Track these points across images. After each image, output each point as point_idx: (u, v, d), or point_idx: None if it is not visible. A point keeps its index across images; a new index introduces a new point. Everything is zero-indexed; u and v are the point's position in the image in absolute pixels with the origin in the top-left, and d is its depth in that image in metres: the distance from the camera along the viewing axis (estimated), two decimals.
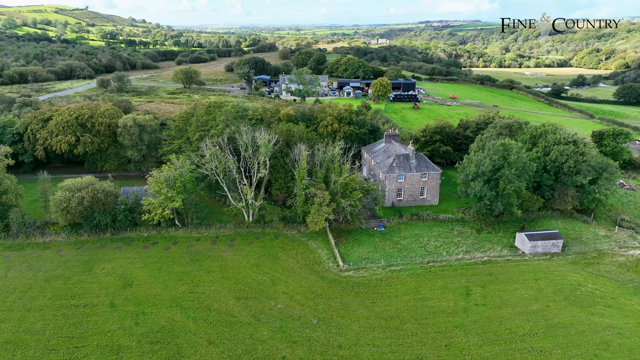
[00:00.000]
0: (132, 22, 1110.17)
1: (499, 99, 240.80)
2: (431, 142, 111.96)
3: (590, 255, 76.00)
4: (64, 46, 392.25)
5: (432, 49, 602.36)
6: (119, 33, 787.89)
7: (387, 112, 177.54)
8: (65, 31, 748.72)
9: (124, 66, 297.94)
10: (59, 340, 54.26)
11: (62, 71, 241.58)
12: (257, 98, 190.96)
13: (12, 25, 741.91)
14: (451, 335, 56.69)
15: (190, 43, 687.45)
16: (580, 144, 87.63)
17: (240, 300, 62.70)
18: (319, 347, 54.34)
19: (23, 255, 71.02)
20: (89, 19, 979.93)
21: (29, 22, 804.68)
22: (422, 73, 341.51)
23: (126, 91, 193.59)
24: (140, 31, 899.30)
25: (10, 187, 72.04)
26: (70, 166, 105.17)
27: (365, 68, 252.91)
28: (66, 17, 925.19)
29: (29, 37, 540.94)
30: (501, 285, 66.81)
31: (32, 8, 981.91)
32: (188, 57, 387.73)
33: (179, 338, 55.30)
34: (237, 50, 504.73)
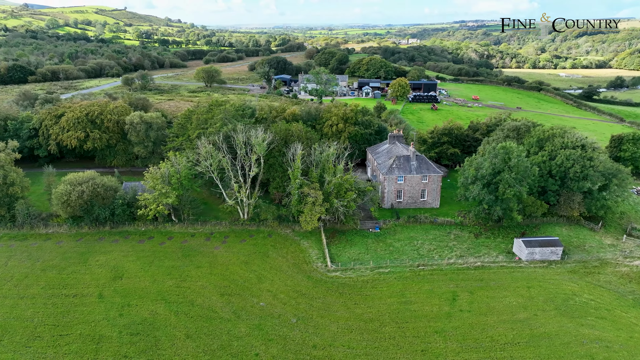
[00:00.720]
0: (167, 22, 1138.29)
1: (525, 100, 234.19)
2: (439, 144, 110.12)
3: (592, 264, 73.03)
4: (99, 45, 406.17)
5: (463, 49, 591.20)
6: (154, 33, 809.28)
7: (404, 113, 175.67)
8: (104, 31, 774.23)
9: (152, 65, 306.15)
10: (45, 327, 56.52)
11: (92, 69, 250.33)
12: (274, 97, 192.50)
13: (55, 25, 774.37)
14: (430, 340, 55.76)
15: (222, 42, 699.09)
16: (588, 149, 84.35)
17: (224, 296, 63.57)
18: (294, 346, 54.51)
19: (25, 245, 74.28)
20: (127, 19, 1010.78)
21: (71, 22, 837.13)
22: (449, 73, 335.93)
23: (149, 89, 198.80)
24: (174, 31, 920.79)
25: (16, 179, 75.41)
26: (82, 161, 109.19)
27: (387, 68, 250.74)
28: (105, 17, 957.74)
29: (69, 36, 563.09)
30: (490, 291, 65.15)
31: (75, 9, 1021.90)
32: (216, 57, 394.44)
33: (158, 331, 56.61)
34: (266, 49, 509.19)
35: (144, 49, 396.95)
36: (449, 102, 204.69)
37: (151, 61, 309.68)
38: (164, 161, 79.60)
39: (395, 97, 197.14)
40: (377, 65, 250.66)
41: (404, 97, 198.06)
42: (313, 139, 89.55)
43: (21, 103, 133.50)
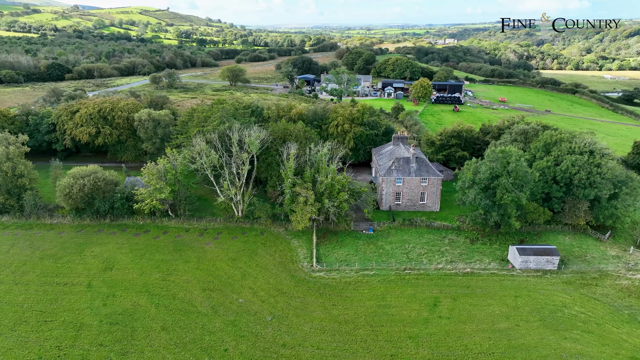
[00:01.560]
0: (207, 22, 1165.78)
1: (557, 103, 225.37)
2: (447, 147, 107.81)
3: (590, 275, 69.68)
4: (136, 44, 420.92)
5: (501, 49, 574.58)
6: (194, 32, 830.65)
7: (424, 115, 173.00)
8: (146, 31, 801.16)
9: (184, 64, 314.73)
10: (32, 313, 59.44)
11: (125, 68, 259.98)
12: (295, 96, 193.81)
13: (101, 26, 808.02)
14: (402, 345, 54.92)
15: (257, 42, 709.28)
16: (597, 155, 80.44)
17: (205, 291, 64.82)
18: (263, 344, 54.99)
19: (30, 234, 78.28)
20: (169, 19, 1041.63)
21: (116, 22, 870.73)
22: (481, 74, 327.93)
23: (175, 87, 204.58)
24: (213, 31, 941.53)
25: (24, 171, 79.52)
26: (97, 156, 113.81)
27: (413, 69, 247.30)
28: (149, 17, 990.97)
29: (112, 36, 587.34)
30: (474, 299, 63.39)
31: (120, 10, 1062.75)
32: (248, 56, 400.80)
33: (137, 321, 58.41)
34: (298, 49, 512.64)
35: (178, 48, 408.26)
36: (473, 103, 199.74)
37: (183, 60, 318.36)
38: (165, 157, 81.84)
39: (417, 98, 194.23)
40: (403, 65, 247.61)
41: (426, 98, 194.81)
42: (312, 138, 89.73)
43: (48, 99, 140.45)
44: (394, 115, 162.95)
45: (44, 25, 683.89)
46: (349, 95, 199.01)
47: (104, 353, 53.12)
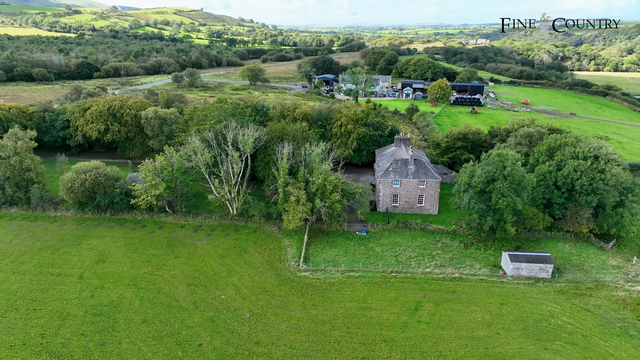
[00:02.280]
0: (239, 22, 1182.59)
1: (584, 106, 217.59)
2: (453, 149, 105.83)
3: (586, 285, 67.03)
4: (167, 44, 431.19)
5: (535, 50, 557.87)
6: (225, 32, 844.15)
7: (440, 116, 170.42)
8: (179, 30, 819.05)
9: (210, 63, 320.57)
10: (23, 301, 62.08)
11: (152, 67, 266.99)
12: (312, 96, 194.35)
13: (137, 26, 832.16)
14: (375, 349, 54.46)
15: (286, 42, 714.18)
16: (602, 160, 77.28)
17: (190, 286, 66.05)
18: (237, 341, 55.62)
19: (33, 225, 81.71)
20: (202, 19, 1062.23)
21: (151, 22, 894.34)
22: (509, 75, 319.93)
23: (196, 86, 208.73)
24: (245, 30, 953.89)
25: (31, 165, 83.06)
26: (109, 152, 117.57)
27: (435, 69, 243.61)
28: (183, 17, 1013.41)
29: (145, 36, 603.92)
30: (458, 305, 62.12)
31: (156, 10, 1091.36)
32: (274, 56, 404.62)
33: (120, 313, 60.14)
34: (325, 49, 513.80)
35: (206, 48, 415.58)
36: (494, 105, 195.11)
37: (209, 60, 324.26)
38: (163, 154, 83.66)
39: (435, 99, 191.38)
40: (425, 66, 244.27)
41: (444, 99, 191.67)
42: (309, 138, 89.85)
43: (70, 97, 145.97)
44: (408, 116, 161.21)
45: (83, 25, 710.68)
46: (367, 95, 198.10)
47: (84, 342, 54.97)
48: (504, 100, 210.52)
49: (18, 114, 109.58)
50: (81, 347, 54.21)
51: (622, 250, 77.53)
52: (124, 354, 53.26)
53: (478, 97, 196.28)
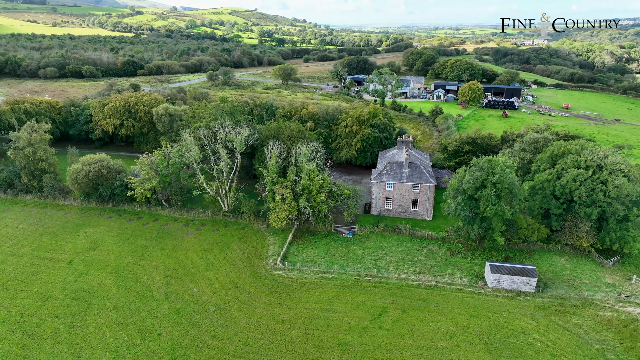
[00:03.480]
0: (292, 22, 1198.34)
1: (635, 112, 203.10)
2: (461, 153, 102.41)
3: (571, 302, 62.92)
4: (214, 43, 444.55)
5: (596, 51, 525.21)
6: (276, 32, 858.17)
7: (467, 119, 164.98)
8: (232, 30, 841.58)
9: (251, 62, 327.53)
10: (14, 282, 66.83)
11: (193, 65, 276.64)
12: (340, 97, 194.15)
13: (192, 26, 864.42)
14: (327, 351, 54.12)
15: (334, 42, 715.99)
16: (605, 170, 72.15)
17: (167, 278, 68.38)
18: (195, 333, 57.07)
19: (42, 212, 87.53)
20: (255, 19, 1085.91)
21: (206, 22, 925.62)
22: (559, 78, 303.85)
23: (229, 85, 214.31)
24: (296, 30, 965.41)
25: (44, 156, 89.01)
26: (128, 146, 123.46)
27: (472, 70, 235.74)
28: (237, 17, 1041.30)
29: (198, 35, 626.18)
30: (425, 313, 60.35)
31: (212, 10, 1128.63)
32: (317, 55, 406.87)
33: (96, 299, 63.37)
34: (370, 49, 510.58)
35: (252, 47, 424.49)
36: (529, 109, 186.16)
37: (251, 59, 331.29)
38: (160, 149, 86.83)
39: (466, 101, 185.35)
40: (462, 67, 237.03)
41: (475, 101, 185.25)
42: (306, 138, 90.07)
43: (104, 92, 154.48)
44: (431, 118, 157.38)
45: (142, 25, 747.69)
46: (395, 96, 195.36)
47: (56, 324, 58.43)
48: (543, 104, 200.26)
49: (48, 108, 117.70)
50: (52, 328, 57.67)
51: (624, 267, 72.03)
52: (88, 337, 56.14)
53: (513, 100, 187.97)
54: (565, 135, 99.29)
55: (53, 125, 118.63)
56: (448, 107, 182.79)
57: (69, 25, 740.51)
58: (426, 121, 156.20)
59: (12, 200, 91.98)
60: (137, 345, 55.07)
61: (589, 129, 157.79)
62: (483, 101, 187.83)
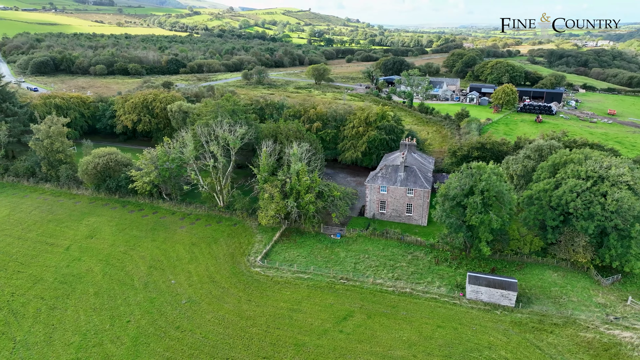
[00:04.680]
0: (345, 22, 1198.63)
1: None
2: (470, 158, 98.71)
3: (552, 321, 59.28)
4: (261, 42, 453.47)
5: None
6: (327, 32, 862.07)
7: (498, 124, 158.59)
8: (283, 30, 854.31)
9: (292, 62, 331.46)
10: (14, 263, 72.01)
11: (233, 64, 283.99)
12: (368, 97, 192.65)
13: (245, 26, 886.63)
14: (281, 351, 54.37)
15: (384, 42, 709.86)
16: (607, 181, 67.30)
17: (150, 268, 71.13)
18: (161, 323, 59.07)
19: (55, 200, 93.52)
20: (308, 19, 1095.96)
21: (259, 22, 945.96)
22: (616, 82, 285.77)
23: (262, 84, 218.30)
24: (347, 30, 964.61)
25: (60, 147, 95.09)
26: (149, 140, 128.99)
27: (513, 73, 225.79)
28: (290, 18, 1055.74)
29: (249, 35, 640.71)
30: (391, 320, 59.09)
31: (266, 11, 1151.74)
32: (360, 56, 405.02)
33: (80, 284, 67.07)
34: (417, 50, 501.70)
35: (297, 47, 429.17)
36: (568, 115, 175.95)
37: (292, 59, 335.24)
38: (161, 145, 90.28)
39: (500, 104, 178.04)
40: (502, 69, 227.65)
41: (509, 105, 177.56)
42: (303, 138, 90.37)
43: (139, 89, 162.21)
44: (456, 121, 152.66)
45: (198, 25, 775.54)
46: (427, 98, 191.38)
47: (39, 305, 62.45)
48: (586, 109, 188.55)
49: (78, 103, 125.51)
50: (35, 309, 61.68)
51: (624, 287, 66.87)
52: (63, 319, 59.58)
53: (551, 105, 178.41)
54: (583, 144, 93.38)
55: (82, 119, 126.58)
56: (479, 111, 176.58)
57: (131, 25, 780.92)
58: (450, 124, 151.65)
59: (32, 188, 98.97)
60: (105, 330, 57.79)
61: (632, 137, 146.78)
62: (518, 105, 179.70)
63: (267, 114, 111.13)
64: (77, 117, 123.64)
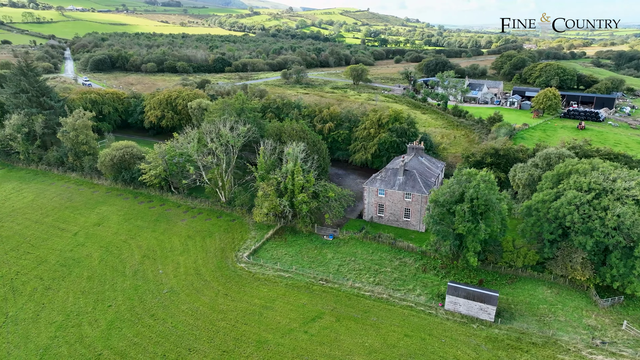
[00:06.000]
0: (404, 22, 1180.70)
1: None
2: (483, 165, 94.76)
3: (530, 339, 55.86)
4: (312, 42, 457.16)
5: None
6: (383, 32, 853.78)
7: (534, 129, 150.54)
8: (339, 30, 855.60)
9: (338, 62, 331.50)
10: (26, 245, 77.95)
11: (277, 64, 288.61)
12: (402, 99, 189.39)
13: (302, 26, 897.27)
14: (242, 346, 55.23)
15: (440, 43, 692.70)
16: (611, 194, 62.32)
17: (143, 257, 74.47)
18: (139, 310, 61.78)
19: (76, 188, 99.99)
20: (366, 19, 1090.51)
21: (316, 22, 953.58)
22: None
23: (300, 83, 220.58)
24: (405, 30, 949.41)
25: (84, 140, 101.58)
26: None
27: (564, 76, 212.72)
28: (347, 18, 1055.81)
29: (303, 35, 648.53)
30: (359, 325, 58.25)
31: (324, 11, 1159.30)
32: (410, 56, 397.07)
33: (78, 268, 71.51)
34: (473, 51, 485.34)
35: (346, 47, 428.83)
36: (617, 122, 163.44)
37: (339, 59, 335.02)
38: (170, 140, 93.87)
39: (541, 109, 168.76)
40: (552, 72, 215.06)
41: (551, 110, 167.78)
42: (308, 138, 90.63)
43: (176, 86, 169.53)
44: (488, 125, 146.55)
45: (255, 25, 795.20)
46: (465, 100, 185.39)
47: (37, 284, 67.32)
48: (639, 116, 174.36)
49: (113, 98, 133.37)
50: (32, 288, 66.57)
51: (625, 311, 61.64)
52: (53, 300, 63.88)
53: (599, 111, 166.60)
54: (607, 154, 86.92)
55: (115, 113, 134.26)
56: (518, 115, 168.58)
57: (193, 25, 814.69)
58: (481, 129, 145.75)
59: (59, 176, 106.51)
60: (87, 312, 61.30)
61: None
62: (562, 110, 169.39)
63: (283, 114, 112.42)
64: (111, 112, 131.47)
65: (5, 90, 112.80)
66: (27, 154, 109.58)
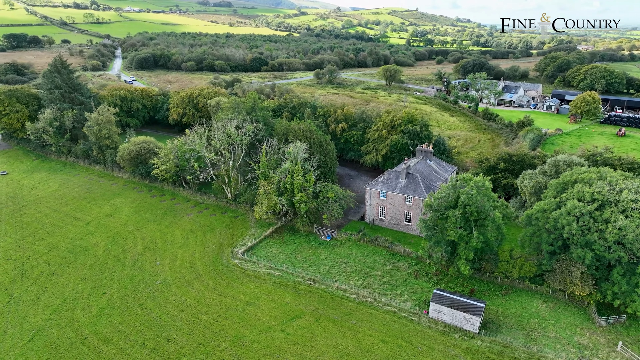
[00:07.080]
0: (453, 22, 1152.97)
1: None
2: (496, 171, 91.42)
3: (513, 354, 53.44)
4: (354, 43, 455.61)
5: None
6: (430, 32, 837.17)
7: (567, 135, 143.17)
8: (386, 30, 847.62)
9: (376, 62, 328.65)
10: (42, 232, 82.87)
11: (314, 63, 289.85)
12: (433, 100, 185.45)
13: (348, 26, 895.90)
14: (219, 340, 56.32)
15: (489, 43, 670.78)
16: (614, 207, 58.50)
17: (145, 249, 77.36)
18: (130, 298, 64.26)
19: (97, 180, 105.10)
20: (414, 19, 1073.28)
21: (363, 22, 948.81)
22: None
23: (332, 83, 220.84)
24: (454, 30, 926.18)
25: (106, 134, 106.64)
26: None
27: (610, 79, 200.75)
28: (395, 17, 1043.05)
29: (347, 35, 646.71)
30: (337, 327, 57.93)
31: (372, 10, 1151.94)
32: (453, 57, 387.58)
33: (83, 255, 75.30)
34: (521, 52, 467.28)
35: (387, 47, 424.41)
36: None
37: (377, 59, 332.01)
38: None
39: (579, 114, 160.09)
40: (598, 75, 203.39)
41: (590, 115, 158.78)
42: (314, 138, 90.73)
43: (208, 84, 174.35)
44: (517, 129, 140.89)
45: (301, 25, 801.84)
46: (500, 103, 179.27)
47: (44, 269, 71.51)
48: None
49: (142, 95, 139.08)
50: (39, 272, 70.80)
51: (626, 331, 57.70)
52: (55, 284, 67.65)
53: None
54: (631, 162, 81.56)
55: (144, 110, 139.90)
56: (554, 120, 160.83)
57: (241, 25, 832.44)
58: (509, 133, 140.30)
59: (84, 168, 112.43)
60: (83, 298, 64.50)
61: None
62: (603, 115, 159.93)
63: (300, 113, 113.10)
64: (140, 108, 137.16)
65: (42, 86, 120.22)
66: (58, 146, 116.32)
